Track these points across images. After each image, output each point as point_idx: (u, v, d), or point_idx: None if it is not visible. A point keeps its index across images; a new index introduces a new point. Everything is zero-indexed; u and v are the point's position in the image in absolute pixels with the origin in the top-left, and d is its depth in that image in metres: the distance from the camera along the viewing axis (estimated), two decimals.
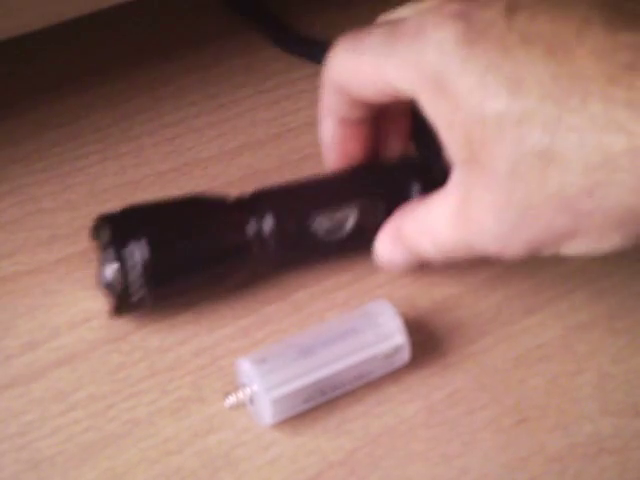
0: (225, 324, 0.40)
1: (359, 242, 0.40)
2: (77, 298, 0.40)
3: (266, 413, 0.36)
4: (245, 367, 0.37)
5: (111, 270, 0.37)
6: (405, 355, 0.38)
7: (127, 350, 0.39)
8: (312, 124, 0.46)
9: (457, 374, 0.39)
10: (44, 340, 0.39)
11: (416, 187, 0.40)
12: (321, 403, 0.38)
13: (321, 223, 0.39)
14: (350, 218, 0.39)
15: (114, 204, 0.43)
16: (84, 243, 0.40)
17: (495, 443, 0.38)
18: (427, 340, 0.40)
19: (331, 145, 0.41)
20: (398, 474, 0.37)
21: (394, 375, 0.39)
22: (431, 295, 0.42)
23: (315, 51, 0.47)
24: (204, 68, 0.48)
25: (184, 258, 0.38)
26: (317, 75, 0.48)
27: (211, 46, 0.49)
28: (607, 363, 0.40)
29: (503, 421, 0.38)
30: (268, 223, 0.38)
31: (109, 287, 0.37)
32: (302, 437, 0.37)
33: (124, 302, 0.37)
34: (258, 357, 0.37)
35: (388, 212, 0.39)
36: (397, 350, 0.38)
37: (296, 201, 0.39)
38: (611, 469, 0.37)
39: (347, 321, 0.38)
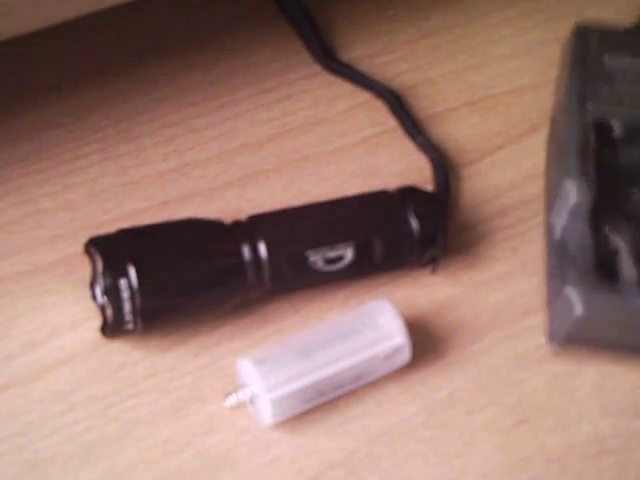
0: (225, 324, 0.40)
1: (356, 273, 0.40)
2: (77, 298, 0.39)
3: (266, 413, 0.36)
4: (245, 367, 0.37)
5: (103, 300, 0.37)
6: (405, 355, 0.38)
7: (127, 350, 0.39)
8: (312, 124, 0.46)
9: (457, 374, 0.39)
10: (44, 340, 0.39)
11: (413, 218, 0.40)
12: (321, 403, 0.38)
13: (315, 262, 0.38)
14: (345, 256, 0.39)
15: (114, 204, 0.43)
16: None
17: (495, 443, 0.38)
18: (427, 340, 0.40)
19: None
20: (398, 474, 0.37)
21: (394, 375, 0.39)
22: (431, 295, 0.42)
23: (356, 76, 0.48)
24: (204, 68, 0.48)
25: (177, 289, 0.37)
26: (317, 75, 0.48)
27: (211, 46, 0.49)
28: (607, 363, 0.40)
29: (503, 421, 0.38)
30: (263, 259, 0.38)
31: (102, 310, 0.37)
32: (302, 437, 0.37)
33: (116, 329, 0.37)
34: (258, 357, 0.37)
35: (386, 245, 0.39)
36: (397, 350, 0.38)
37: (291, 240, 0.39)
38: (611, 469, 0.38)
39: (347, 321, 0.38)
